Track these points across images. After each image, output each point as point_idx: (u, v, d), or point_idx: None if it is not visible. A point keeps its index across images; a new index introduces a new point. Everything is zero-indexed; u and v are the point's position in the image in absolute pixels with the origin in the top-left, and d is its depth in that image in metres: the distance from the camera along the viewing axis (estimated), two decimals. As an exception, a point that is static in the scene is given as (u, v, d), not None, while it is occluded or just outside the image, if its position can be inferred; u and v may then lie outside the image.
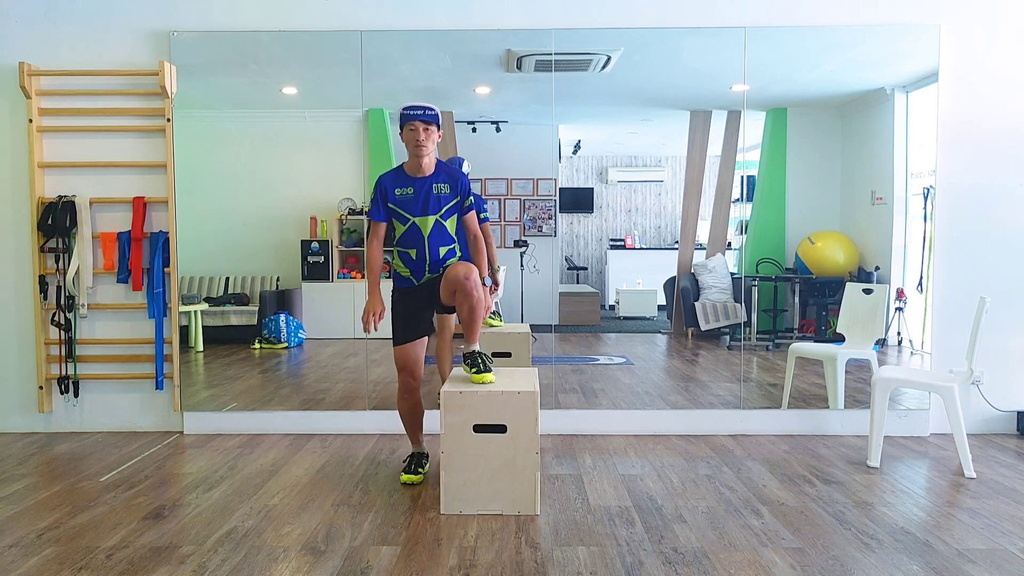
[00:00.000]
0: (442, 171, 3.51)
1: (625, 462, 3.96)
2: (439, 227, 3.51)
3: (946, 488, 3.58)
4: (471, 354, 3.44)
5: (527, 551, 2.85)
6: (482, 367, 3.38)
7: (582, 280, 6.43)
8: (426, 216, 3.48)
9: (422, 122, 3.37)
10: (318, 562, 2.76)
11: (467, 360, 3.43)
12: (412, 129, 3.38)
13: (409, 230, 3.50)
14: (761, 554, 2.81)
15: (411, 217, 3.48)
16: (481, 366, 3.38)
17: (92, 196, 4.49)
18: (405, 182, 3.48)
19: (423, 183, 3.47)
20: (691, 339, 5.50)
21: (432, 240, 3.50)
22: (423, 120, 3.37)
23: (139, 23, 4.48)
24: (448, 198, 3.50)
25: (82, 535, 3.02)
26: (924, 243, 4.58)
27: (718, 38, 4.50)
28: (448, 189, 3.49)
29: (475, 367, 3.38)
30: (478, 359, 3.40)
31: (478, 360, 3.40)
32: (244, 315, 5.14)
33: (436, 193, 3.48)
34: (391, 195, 3.48)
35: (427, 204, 3.47)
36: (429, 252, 3.51)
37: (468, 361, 3.42)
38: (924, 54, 4.46)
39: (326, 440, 4.38)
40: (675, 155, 6.44)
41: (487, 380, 3.34)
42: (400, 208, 3.48)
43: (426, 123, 3.37)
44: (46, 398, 4.56)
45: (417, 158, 3.43)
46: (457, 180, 3.51)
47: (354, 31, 4.47)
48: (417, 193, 3.47)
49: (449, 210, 3.51)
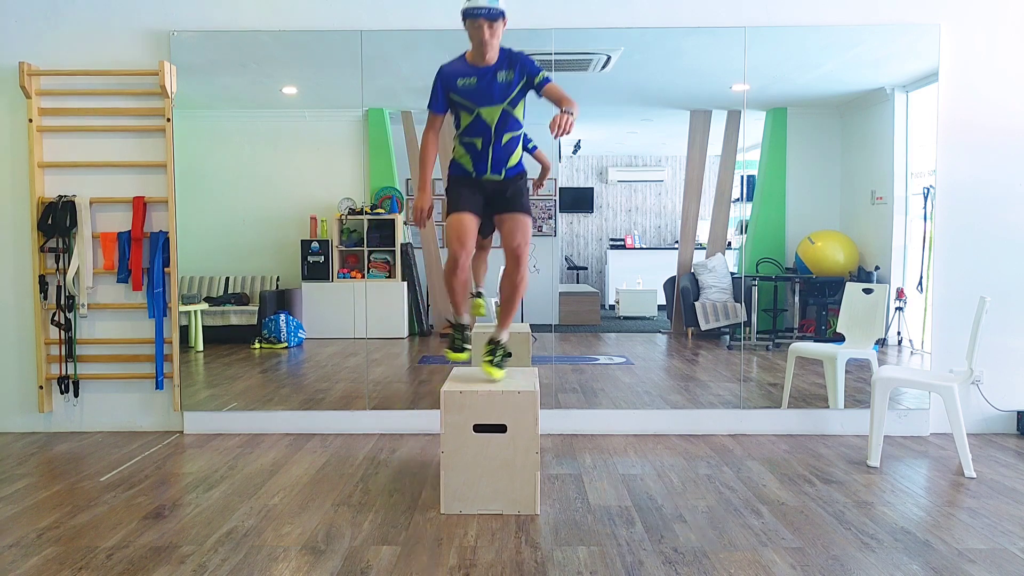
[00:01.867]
0: (504, 58, 3.34)
1: (625, 462, 3.97)
2: (505, 115, 3.36)
3: (946, 488, 3.58)
4: (495, 344, 3.41)
5: (527, 551, 2.85)
6: (498, 362, 3.36)
7: (582, 280, 6.43)
8: (492, 106, 3.34)
9: (487, 20, 3.21)
10: (318, 562, 2.76)
11: (488, 346, 3.40)
12: (477, 27, 3.22)
13: (475, 120, 3.36)
14: (761, 554, 2.81)
15: (476, 107, 3.34)
16: (498, 360, 3.36)
17: (92, 196, 4.49)
18: (468, 71, 3.33)
19: (486, 72, 3.31)
20: (691, 339, 5.50)
21: (499, 129, 3.36)
22: (488, 18, 3.20)
23: (139, 23, 4.48)
24: (513, 84, 3.33)
25: (82, 535, 3.02)
26: (924, 243, 4.58)
27: (718, 38, 4.50)
28: (512, 75, 3.32)
29: (492, 356, 3.37)
30: (497, 351, 3.38)
31: (497, 352, 3.38)
32: (244, 315, 5.14)
33: (501, 81, 3.32)
34: (454, 85, 3.33)
35: (492, 92, 3.32)
36: (494, 140, 3.37)
37: (489, 348, 3.39)
38: (924, 54, 4.46)
39: (326, 440, 4.39)
40: (675, 155, 6.44)
41: (496, 376, 3.34)
42: (464, 98, 3.34)
43: (491, 21, 3.22)
44: (46, 398, 4.56)
45: (483, 54, 3.29)
46: (520, 62, 3.33)
47: (354, 31, 4.47)
48: (481, 82, 3.31)
49: (516, 96, 3.35)
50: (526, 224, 3.39)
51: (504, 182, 3.44)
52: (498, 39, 3.28)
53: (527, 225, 3.39)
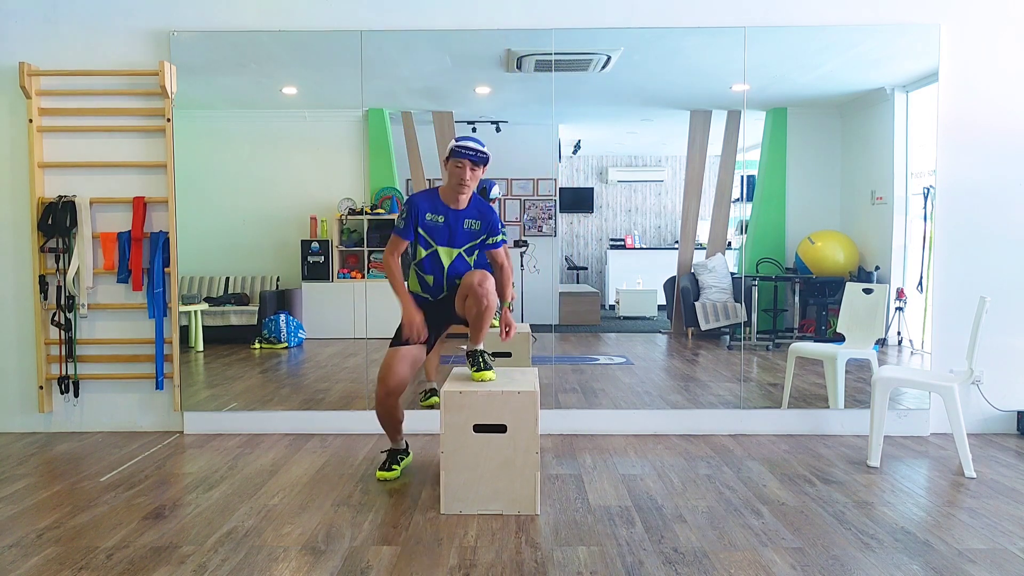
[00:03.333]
0: (475, 207, 3.56)
1: (625, 462, 3.97)
2: (461, 259, 3.59)
3: (946, 488, 3.58)
4: (473, 352, 3.48)
5: (527, 551, 2.85)
6: (483, 365, 3.41)
7: (582, 280, 6.43)
8: (451, 247, 3.56)
9: (471, 163, 3.40)
10: (318, 562, 2.76)
11: (469, 358, 3.47)
12: (459, 167, 3.41)
13: (430, 256, 3.56)
14: (761, 554, 2.81)
15: (435, 245, 3.54)
16: (482, 364, 3.42)
17: (92, 196, 4.49)
18: (439, 209, 3.52)
19: (456, 215, 3.52)
20: (691, 339, 5.50)
21: (451, 271, 3.59)
22: (473, 161, 3.40)
23: (139, 23, 4.48)
24: (476, 234, 3.57)
25: (82, 535, 3.02)
26: (924, 243, 4.58)
27: (718, 38, 4.50)
28: (478, 226, 3.55)
29: (475, 365, 3.42)
30: (479, 357, 3.44)
31: (479, 358, 3.44)
32: (244, 315, 5.14)
33: (466, 228, 3.54)
34: (422, 219, 3.52)
35: (454, 236, 3.54)
36: (447, 280, 3.60)
37: (470, 359, 3.46)
38: (924, 54, 4.46)
39: (326, 440, 4.39)
40: (675, 155, 6.44)
41: (487, 378, 3.37)
42: (427, 234, 3.53)
43: (474, 165, 3.41)
44: (46, 398, 4.56)
45: (457, 194, 3.48)
46: (487, 218, 3.56)
47: (354, 31, 4.47)
48: (447, 223, 3.52)
49: (474, 246, 3.59)
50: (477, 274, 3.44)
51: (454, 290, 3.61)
52: (475, 183, 3.47)
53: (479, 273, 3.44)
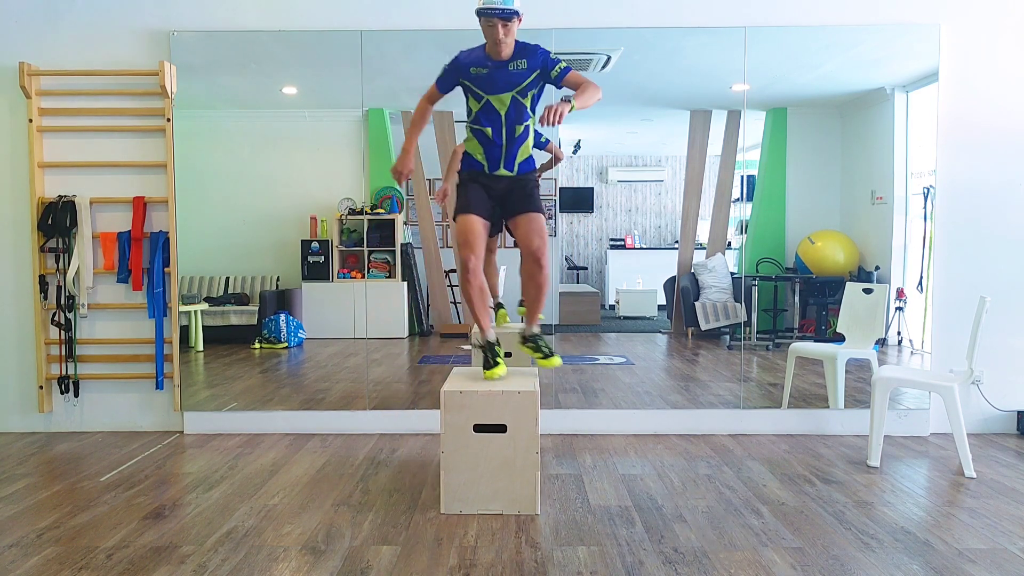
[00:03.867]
0: (519, 49, 3.35)
1: (625, 462, 3.97)
2: (516, 104, 3.37)
3: (946, 488, 3.58)
4: (533, 337, 3.45)
5: (527, 551, 2.85)
6: (546, 352, 3.42)
7: (582, 280, 6.43)
8: (502, 93, 3.35)
9: (501, 19, 3.21)
10: (318, 562, 2.76)
11: (529, 343, 3.45)
12: (491, 26, 3.23)
13: (484, 107, 3.38)
14: (761, 554, 2.81)
15: (485, 94, 3.36)
16: (547, 351, 3.42)
17: (92, 196, 4.49)
18: (482, 61, 3.35)
19: (499, 63, 3.33)
20: (691, 339, 5.50)
21: (509, 117, 3.37)
22: (501, 17, 3.20)
23: (139, 23, 4.48)
24: (525, 74, 3.34)
25: (82, 535, 3.02)
26: (924, 243, 4.58)
27: (718, 38, 4.50)
28: (525, 64, 3.33)
29: (540, 352, 3.43)
30: (540, 343, 3.44)
31: (540, 345, 3.44)
32: (244, 315, 5.14)
33: (512, 70, 3.33)
34: (466, 72, 3.36)
35: (503, 81, 3.34)
36: (506, 129, 3.38)
37: (531, 345, 3.44)
38: (924, 54, 4.46)
39: (326, 440, 4.39)
40: (675, 155, 6.44)
41: (554, 364, 3.40)
42: (475, 85, 3.36)
43: (505, 20, 3.22)
44: (46, 398, 4.56)
45: (497, 52, 3.31)
46: (534, 54, 3.34)
47: (354, 31, 4.47)
48: (492, 71, 3.33)
49: (528, 86, 3.36)
50: (541, 224, 3.40)
51: (515, 179, 3.45)
52: (513, 36, 3.29)
53: (542, 225, 3.40)
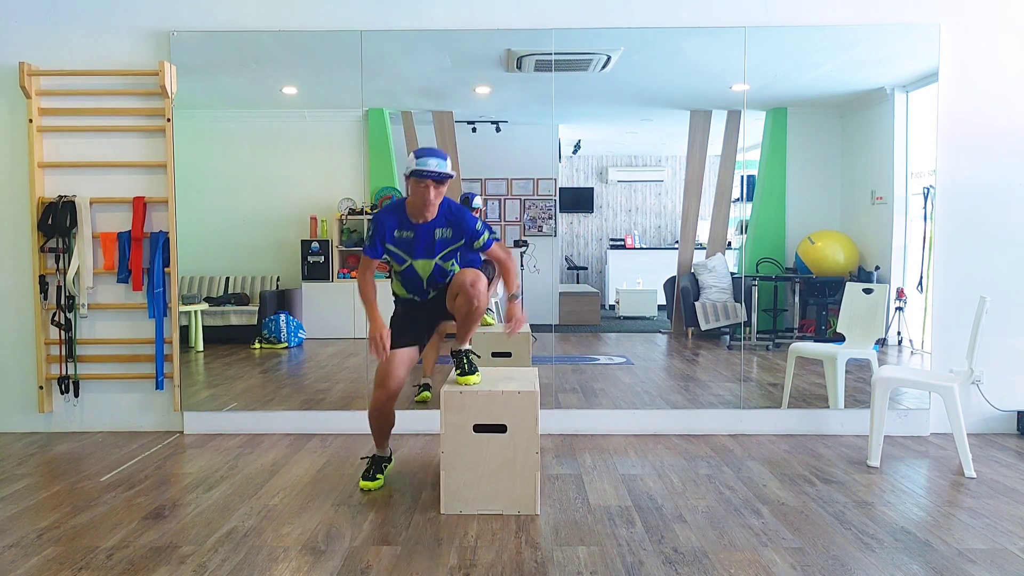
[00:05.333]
0: (444, 215, 3.37)
1: (625, 462, 3.97)
2: (439, 269, 3.45)
3: (946, 488, 3.58)
4: (459, 353, 3.40)
5: (527, 551, 2.85)
6: (467, 368, 3.34)
7: (582, 280, 6.43)
8: (426, 259, 3.42)
9: (434, 182, 3.22)
10: (318, 562, 2.76)
11: (454, 358, 3.40)
12: (422, 186, 3.23)
13: (407, 271, 3.45)
14: (761, 554, 2.81)
15: (409, 259, 3.42)
16: (466, 367, 3.34)
17: (92, 196, 4.49)
18: (406, 225, 3.37)
19: (425, 228, 3.36)
20: (691, 339, 5.50)
21: (431, 281, 3.48)
22: (435, 180, 3.22)
23: (139, 23, 4.48)
24: (450, 241, 3.40)
25: (82, 535, 3.02)
26: (924, 243, 4.58)
27: (718, 38, 4.50)
28: (450, 233, 3.38)
29: (460, 367, 3.36)
30: (464, 359, 3.37)
31: (464, 360, 3.37)
32: (244, 315, 5.14)
33: (438, 238, 3.38)
34: (391, 236, 3.39)
35: (426, 248, 3.39)
36: (427, 288, 3.50)
37: (455, 360, 3.39)
38: (924, 54, 4.46)
39: (326, 440, 4.38)
40: (675, 155, 6.44)
41: (471, 382, 3.30)
42: (399, 249, 3.41)
43: (438, 183, 3.23)
44: (46, 398, 4.56)
45: (423, 211, 3.31)
46: (460, 224, 3.38)
47: (354, 31, 4.47)
48: (417, 237, 3.37)
49: (450, 253, 3.44)
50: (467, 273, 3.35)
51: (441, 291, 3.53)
52: (441, 198, 3.30)
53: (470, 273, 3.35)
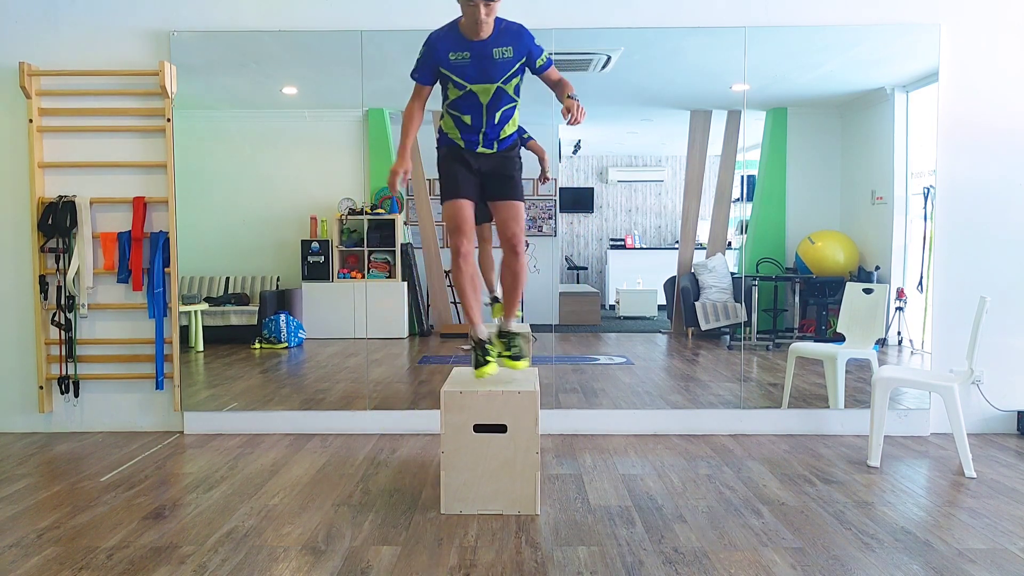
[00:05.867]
0: (501, 32, 3.10)
1: (625, 462, 3.97)
2: (500, 92, 3.16)
3: (946, 488, 3.58)
4: (508, 334, 3.29)
5: (527, 551, 2.85)
6: (519, 353, 3.25)
7: (582, 280, 6.43)
8: (487, 84, 3.13)
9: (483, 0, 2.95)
10: (318, 562, 2.76)
11: (502, 339, 3.29)
12: (472, 6, 2.97)
13: (466, 95, 3.16)
14: (761, 554, 2.81)
15: (468, 84, 3.14)
16: (517, 351, 3.25)
17: (92, 196, 4.49)
18: (461, 45, 3.09)
19: (482, 47, 3.08)
20: (691, 339, 5.50)
21: (491, 107, 3.18)
22: None
23: (139, 23, 4.48)
24: (511, 62, 3.12)
25: (82, 535, 3.02)
26: (924, 243, 4.58)
27: (718, 38, 4.50)
28: (511, 52, 3.10)
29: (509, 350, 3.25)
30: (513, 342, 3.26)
31: (512, 343, 3.26)
32: (244, 315, 5.14)
33: (497, 58, 3.09)
34: (444, 59, 3.11)
35: (487, 71, 3.11)
36: (486, 119, 3.20)
37: (504, 341, 3.28)
38: (924, 54, 4.46)
39: (326, 440, 4.38)
40: (675, 155, 6.43)
41: (519, 367, 3.25)
42: (455, 74, 3.13)
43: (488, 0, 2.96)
44: (46, 398, 4.56)
45: (476, 32, 3.06)
46: (518, 39, 3.11)
47: (354, 31, 4.47)
48: (475, 58, 3.09)
49: (513, 74, 3.15)
50: (519, 212, 3.29)
51: (496, 156, 3.29)
52: (494, 15, 3.06)
53: (520, 213, 3.29)
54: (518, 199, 3.31)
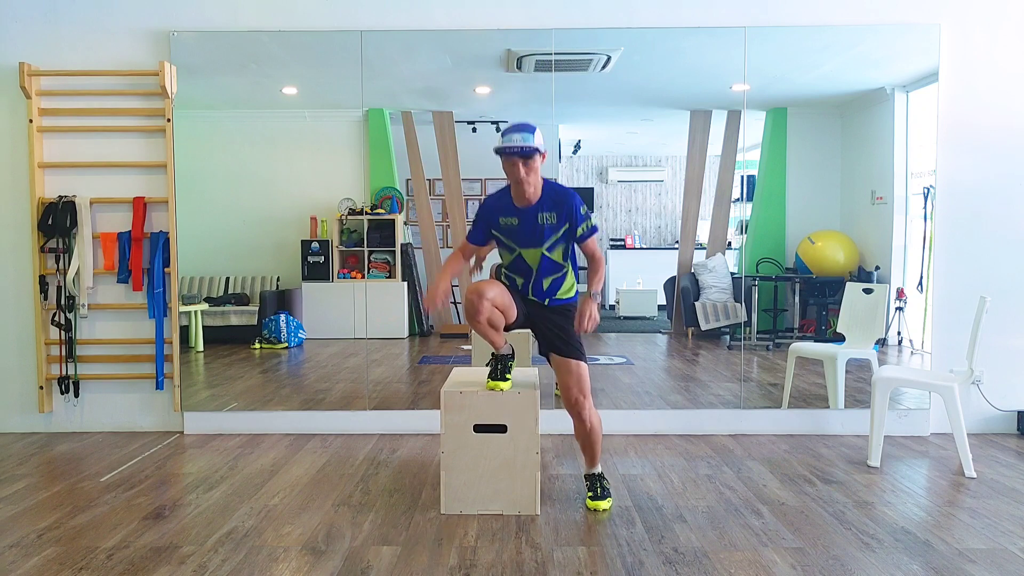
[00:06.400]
0: (548, 197, 3.18)
1: (625, 462, 3.97)
2: (547, 259, 3.23)
3: (946, 488, 3.58)
4: (592, 476, 3.33)
5: (527, 551, 2.85)
6: (600, 492, 3.27)
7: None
8: (533, 248, 3.21)
9: (520, 157, 3.06)
10: (318, 562, 2.76)
11: (588, 482, 3.33)
12: (512, 164, 3.08)
13: (516, 260, 3.26)
14: (761, 554, 2.81)
15: (517, 248, 3.23)
16: (599, 491, 3.27)
17: (92, 196, 4.49)
18: (510, 211, 3.20)
19: (528, 213, 3.18)
20: (691, 339, 5.50)
21: (541, 271, 3.25)
22: (521, 156, 3.05)
23: (139, 23, 4.48)
24: (555, 228, 3.18)
25: (82, 535, 3.02)
26: (924, 243, 4.58)
27: (718, 38, 4.50)
28: (555, 219, 3.17)
29: (593, 492, 3.28)
30: (598, 483, 3.30)
31: (597, 485, 3.30)
32: (244, 315, 5.15)
33: (541, 223, 3.17)
34: (496, 222, 3.23)
35: (533, 235, 3.19)
36: (534, 281, 3.27)
37: (588, 484, 3.32)
38: (924, 54, 4.46)
39: (326, 440, 4.39)
40: (675, 155, 6.44)
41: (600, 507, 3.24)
42: (506, 237, 3.24)
43: (525, 158, 3.06)
44: (46, 398, 4.56)
45: (522, 192, 3.15)
46: (563, 205, 3.17)
47: (354, 31, 4.47)
48: (523, 224, 3.19)
49: (557, 241, 3.20)
50: (582, 376, 3.23)
51: (548, 308, 3.30)
52: (536, 174, 3.13)
53: (584, 377, 3.23)
54: (577, 358, 3.26)
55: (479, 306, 3.07)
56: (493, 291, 3.14)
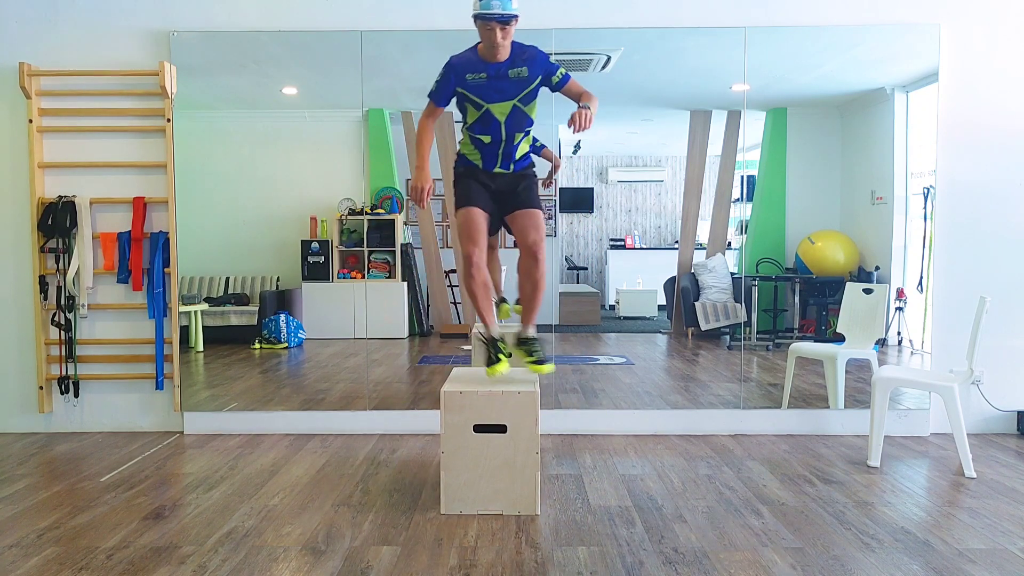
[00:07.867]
0: (517, 54, 3.23)
1: (625, 462, 3.97)
2: (516, 112, 3.27)
3: (946, 488, 3.58)
4: (530, 340, 3.34)
5: (527, 551, 2.85)
6: (542, 357, 3.30)
7: (582, 280, 6.43)
8: (502, 102, 3.25)
9: (499, 23, 3.09)
10: (318, 562, 2.76)
11: (523, 345, 3.34)
12: (489, 29, 3.11)
13: (484, 116, 3.27)
14: (761, 554, 2.81)
15: (485, 103, 3.25)
16: (541, 355, 3.30)
17: (92, 196, 4.49)
18: (478, 67, 3.22)
19: (498, 67, 3.21)
20: (691, 339, 5.50)
21: (509, 126, 3.29)
22: (500, 22, 3.09)
23: (139, 23, 4.48)
24: (527, 82, 3.24)
25: (82, 535, 3.02)
26: (924, 243, 4.58)
27: (718, 38, 4.50)
28: (526, 72, 3.22)
29: (532, 356, 3.30)
30: (535, 347, 3.31)
31: (535, 348, 3.31)
32: (244, 315, 5.14)
33: (513, 77, 3.22)
34: (463, 79, 3.24)
35: (504, 90, 3.23)
36: (505, 137, 3.30)
37: (525, 348, 3.32)
38: (924, 54, 4.46)
39: (326, 440, 4.38)
40: (675, 155, 6.43)
41: (545, 371, 3.29)
42: (472, 94, 3.25)
43: (503, 24, 3.09)
44: (46, 398, 4.56)
45: (493, 55, 3.19)
46: (535, 60, 3.23)
47: (354, 31, 4.47)
48: (491, 79, 3.22)
49: (529, 94, 3.26)
50: (539, 219, 3.35)
51: (513, 176, 3.41)
52: (511, 38, 3.20)
53: (540, 220, 3.35)
54: (536, 207, 3.38)
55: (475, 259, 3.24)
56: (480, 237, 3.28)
